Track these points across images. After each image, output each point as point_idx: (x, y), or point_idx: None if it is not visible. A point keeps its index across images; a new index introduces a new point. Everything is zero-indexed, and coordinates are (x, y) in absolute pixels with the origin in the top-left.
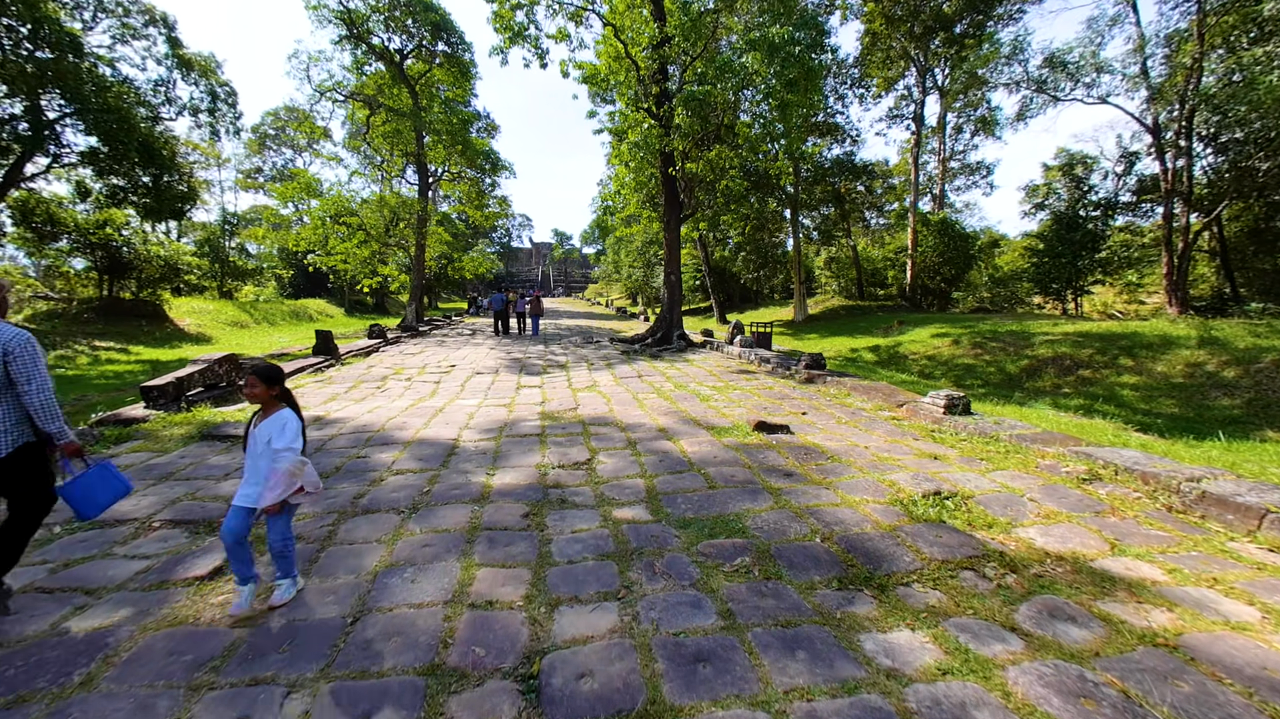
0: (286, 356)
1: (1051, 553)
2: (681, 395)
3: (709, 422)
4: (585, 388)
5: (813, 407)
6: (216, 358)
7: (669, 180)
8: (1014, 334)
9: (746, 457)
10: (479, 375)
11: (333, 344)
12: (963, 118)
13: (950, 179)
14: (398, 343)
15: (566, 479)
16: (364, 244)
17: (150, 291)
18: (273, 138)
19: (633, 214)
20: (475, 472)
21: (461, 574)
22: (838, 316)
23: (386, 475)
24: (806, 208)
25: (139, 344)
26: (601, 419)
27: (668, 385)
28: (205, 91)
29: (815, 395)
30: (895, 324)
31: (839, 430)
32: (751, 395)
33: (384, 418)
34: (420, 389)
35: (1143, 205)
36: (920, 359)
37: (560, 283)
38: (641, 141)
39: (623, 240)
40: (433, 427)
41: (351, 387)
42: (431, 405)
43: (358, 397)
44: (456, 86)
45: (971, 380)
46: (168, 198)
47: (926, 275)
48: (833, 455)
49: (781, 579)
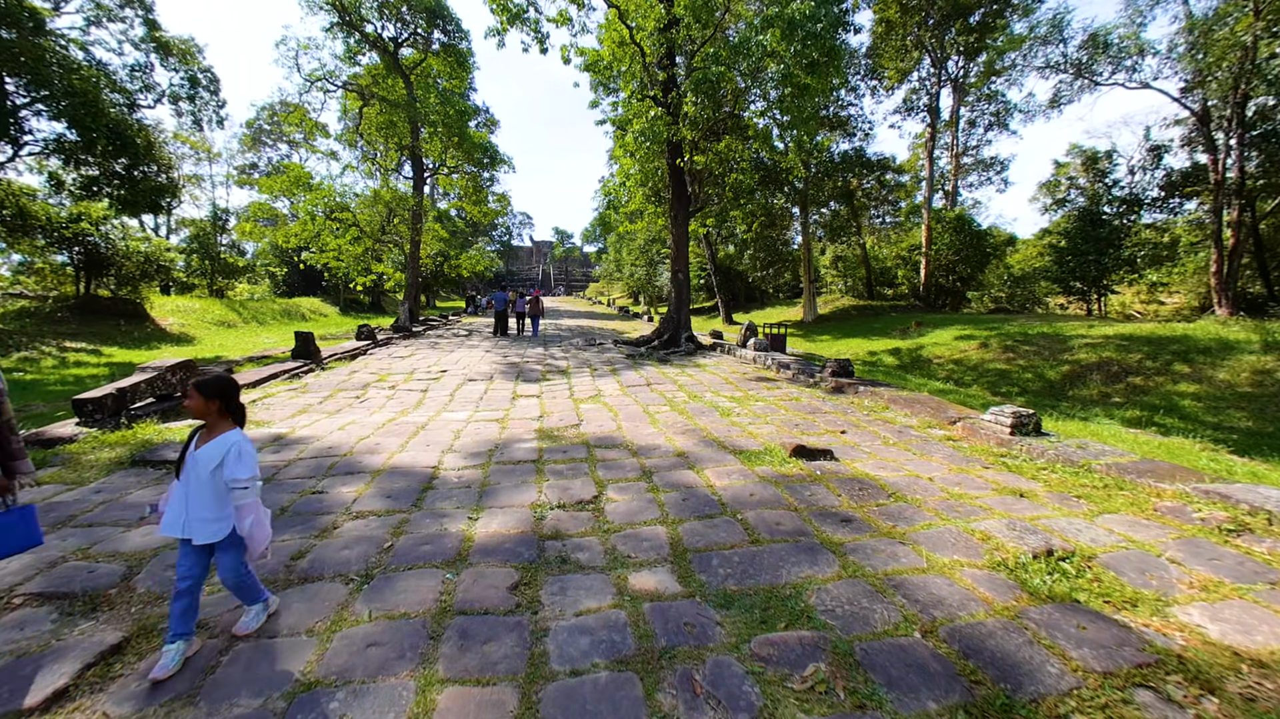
0: (267, 359)
1: (1243, 653)
2: (698, 408)
3: (735, 443)
4: (588, 398)
5: (850, 423)
6: (170, 364)
7: (677, 172)
8: (1047, 337)
9: (789, 493)
10: (471, 383)
11: (313, 347)
12: (976, 111)
13: (963, 175)
14: (388, 344)
15: (568, 525)
16: (357, 240)
17: (130, 289)
18: (268, 133)
19: (637, 209)
20: (454, 515)
21: (415, 704)
22: (849, 317)
23: (342, 520)
24: (816, 204)
25: (114, 345)
26: (608, 439)
27: (680, 395)
28: (185, 78)
29: (849, 409)
30: (913, 325)
31: (890, 455)
32: (777, 409)
33: (356, 437)
34: (404, 399)
35: (1171, 200)
36: (946, 363)
37: (561, 281)
38: (648, 130)
39: (624, 238)
40: (411, 449)
41: (328, 396)
42: (414, 420)
43: (332, 408)
44: (454, 77)
45: (1008, 387)
46: (143, 189)
47: (941, 274)
48: (894, 492)
49: (881, 708)
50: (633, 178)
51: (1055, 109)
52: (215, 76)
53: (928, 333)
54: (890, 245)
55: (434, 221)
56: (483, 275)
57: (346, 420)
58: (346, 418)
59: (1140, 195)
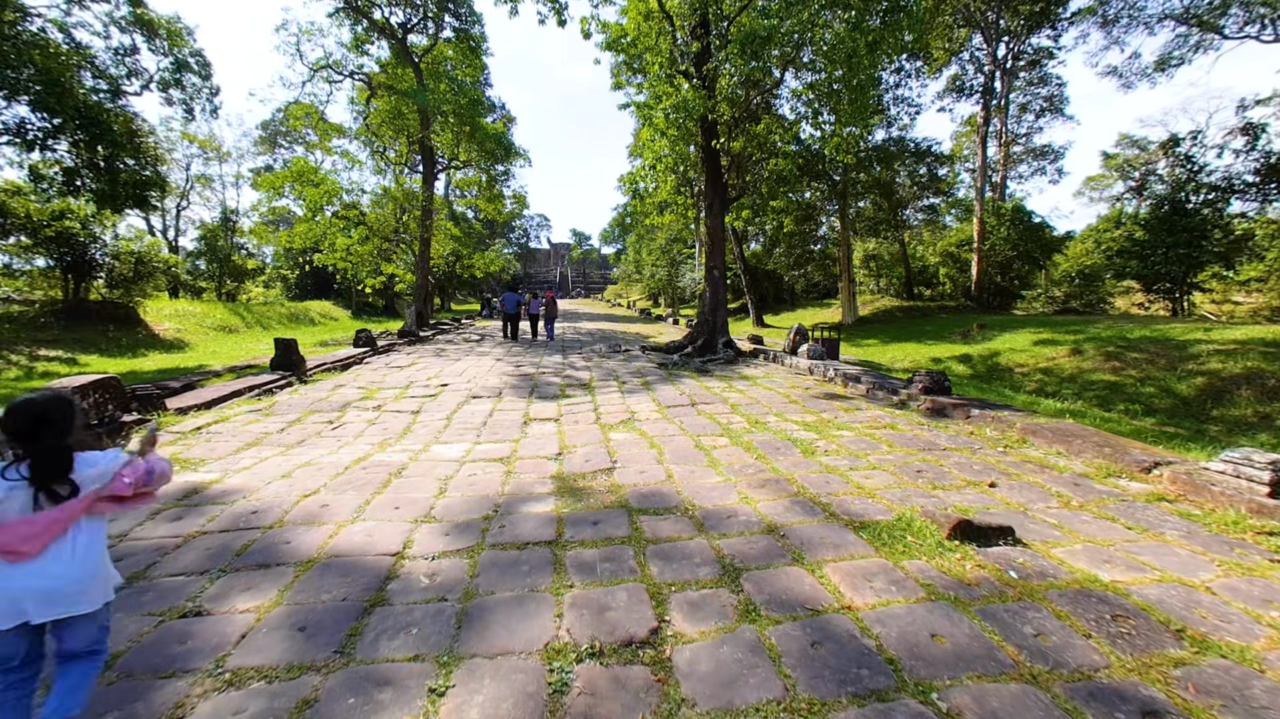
0: (251, 369)
1: None
2: (768, 441)
3: (847, 507)
4: (619, 422)
5: (992, 467)
6: (86, 382)
7: (711, 157)
8: (1155, 342)
9: (995, 630)
10: (475, 401)
11: (295, 356)
12: (1028, 95)
13: (1011, 165)
14: (389, 352)
15: (611, 710)
16: (366, 240)
17: (123, 292)
18: (284, 134)
19: (666, 200)
20: (404, 683)
21: None
22: (893, 318)
23: (196, 701)
24: (855, 196)
25: (94, 353)
26: (657, 496)
27: (737, 420)
28: (171, 61)
29: (974, 443)
30: (974, 328)
31: (1096, 533)
32: (874, 441)
33: (301, 490)
34: (388, 425)
35: (1268, 186)
36: (1032, 373)
37: (579, 283)
38: (682, 105)
39: (644, 238)
40: (372, 513)
41: (294, 420)
42: (390, 461)
43: (293, 438)
44: (466, 65)
45: (1126, 404)
46: (125, 183)
47: (996, 272)
48: (1180, 626)
49: None
50: (664, 161)
51: (1163, 72)
52: (206, 60)
53: (993, 336)
54: (922, 243)
55: (446, 219)
56: (499, 277)
57: (302, 460)
58: (304, 455)
59: (1233, 182)
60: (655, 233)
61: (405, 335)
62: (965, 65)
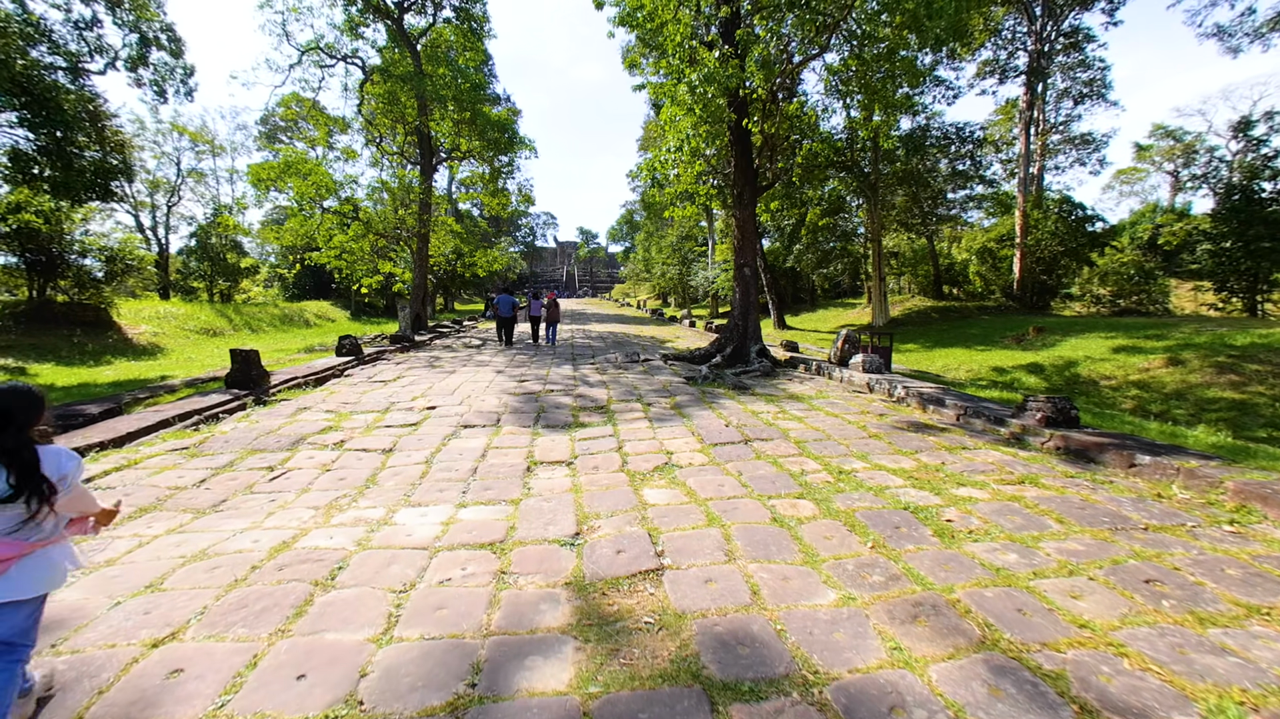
0: (215, 383)
1: None
2: (875, 514)
3: (1108, 696)
4: (654, 470)
5: (1251, 571)
6: None
7: (741, 138)
8: (1273, 350)
9: None
10: (466, 432)
11: (255, 371)
12: (1068, 80)
13: (1050, 155)
14: (376, 361)
15: None
16: (362, 237)
17: (94, 293)
18: (284, 129)
19: (687, 190)
20: None
21: None
22: (928, 320)
23: None
24: (887, 189)
25: (51, 361)
26: (744, 646)
27: (811, 468)
28: (137, 37)
29: (1176, 514)
30: (1029, 332)
31: None
32: (1029, 512)
33: (156, 629)
34: (348, 473)
35: None
36: (1124, 387)
37: (585, 283)
38: (710, 76)
39: (653, 236)
40: (253, 695)
41: (224, 466)
42: (326, 549)
43: (208, 499)
44: (467, 48)
45: (1263, 429)
46: (81, 170)
47: (1041, 269)
48: None
49: None
50: (689, 143)
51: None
52: (177, 36)
53: (1055, 342)
54: (944, 239)
55: (446, 215)
56: (505, 276)
57: (198, 547)
58: (207, 535)
59: None
60: (665, 230)
61: (398, 341)
62: (1003, 46)
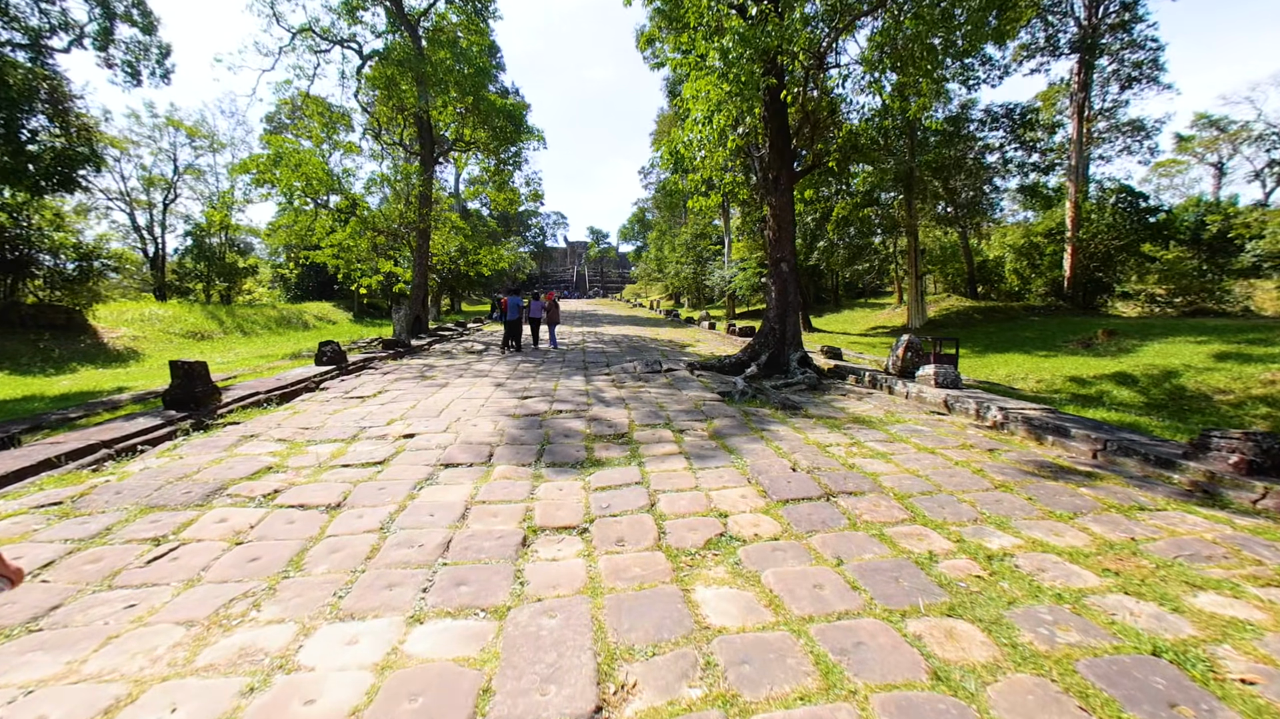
0: (151, 401)
1: None
2: (1105, 667)
3: None
4: (705, 544)
5: None
6: None
7: (778, 113)
8: None
9: None
10: (446, 474)
11: (199, 388)
12: (1115, 61)
13: (1096, 144)
14: (360, 370)
15: None
16: (360, 234)
17: (67, 293)
18: (289, 126)
19: (709, 178)
20: None
21: None
22: (970, 322)
23: None
24: (924, 180)
25: (7, 369)
26: None
27: (945, 551)
28: (100, 10)
29: None
30: (1099, 335)
31: None
32: None
33: None
34: (260, 556)
35: None
36: (1248, 403)
37: (596, 283)
38: (746, 37)
39: (666, 234)
40: None
41: (92, 538)
42: None
43: (16, 617)
44: (472, 31)
45: None
46: (31, 156)
47: (1097, 265)
48: None
49: None
50: (722, 113)
51: None
52: (149, 10)
53: (1133, 347)
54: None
55: (449, 210)
56: (514, 275)
57: None
58: None
59: None
60: (679, 229)
61: (392, 346)
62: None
